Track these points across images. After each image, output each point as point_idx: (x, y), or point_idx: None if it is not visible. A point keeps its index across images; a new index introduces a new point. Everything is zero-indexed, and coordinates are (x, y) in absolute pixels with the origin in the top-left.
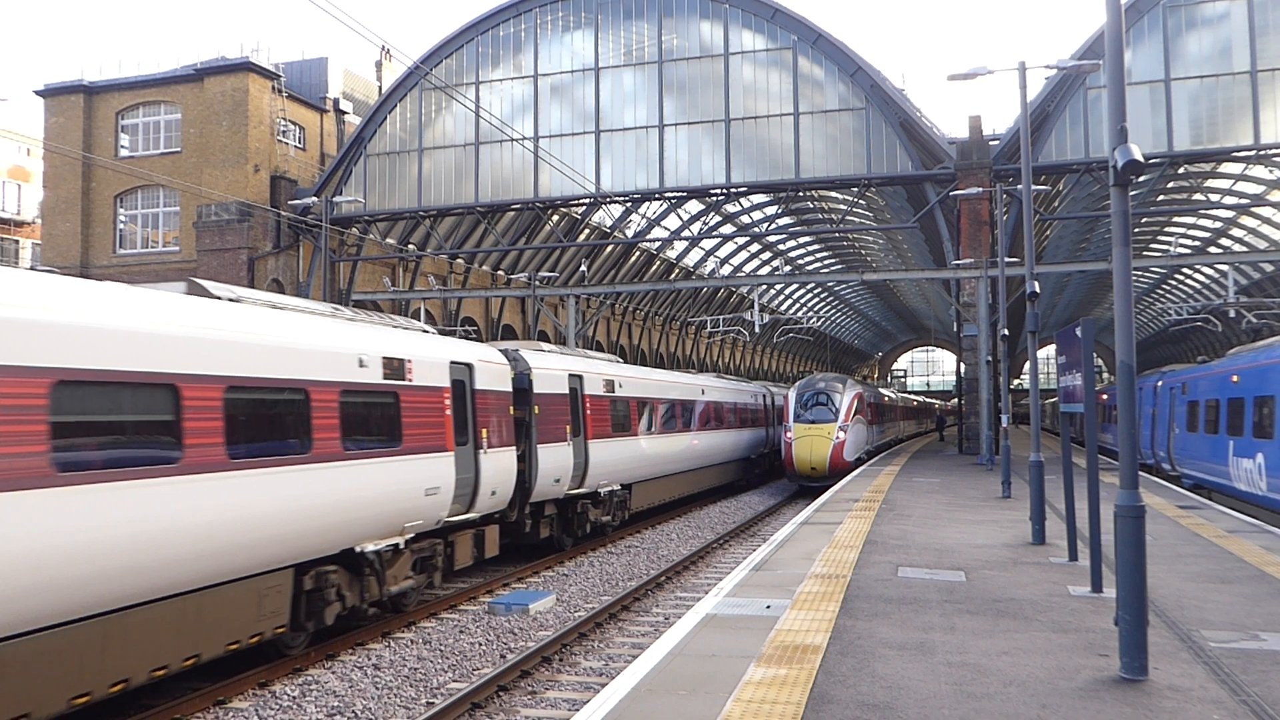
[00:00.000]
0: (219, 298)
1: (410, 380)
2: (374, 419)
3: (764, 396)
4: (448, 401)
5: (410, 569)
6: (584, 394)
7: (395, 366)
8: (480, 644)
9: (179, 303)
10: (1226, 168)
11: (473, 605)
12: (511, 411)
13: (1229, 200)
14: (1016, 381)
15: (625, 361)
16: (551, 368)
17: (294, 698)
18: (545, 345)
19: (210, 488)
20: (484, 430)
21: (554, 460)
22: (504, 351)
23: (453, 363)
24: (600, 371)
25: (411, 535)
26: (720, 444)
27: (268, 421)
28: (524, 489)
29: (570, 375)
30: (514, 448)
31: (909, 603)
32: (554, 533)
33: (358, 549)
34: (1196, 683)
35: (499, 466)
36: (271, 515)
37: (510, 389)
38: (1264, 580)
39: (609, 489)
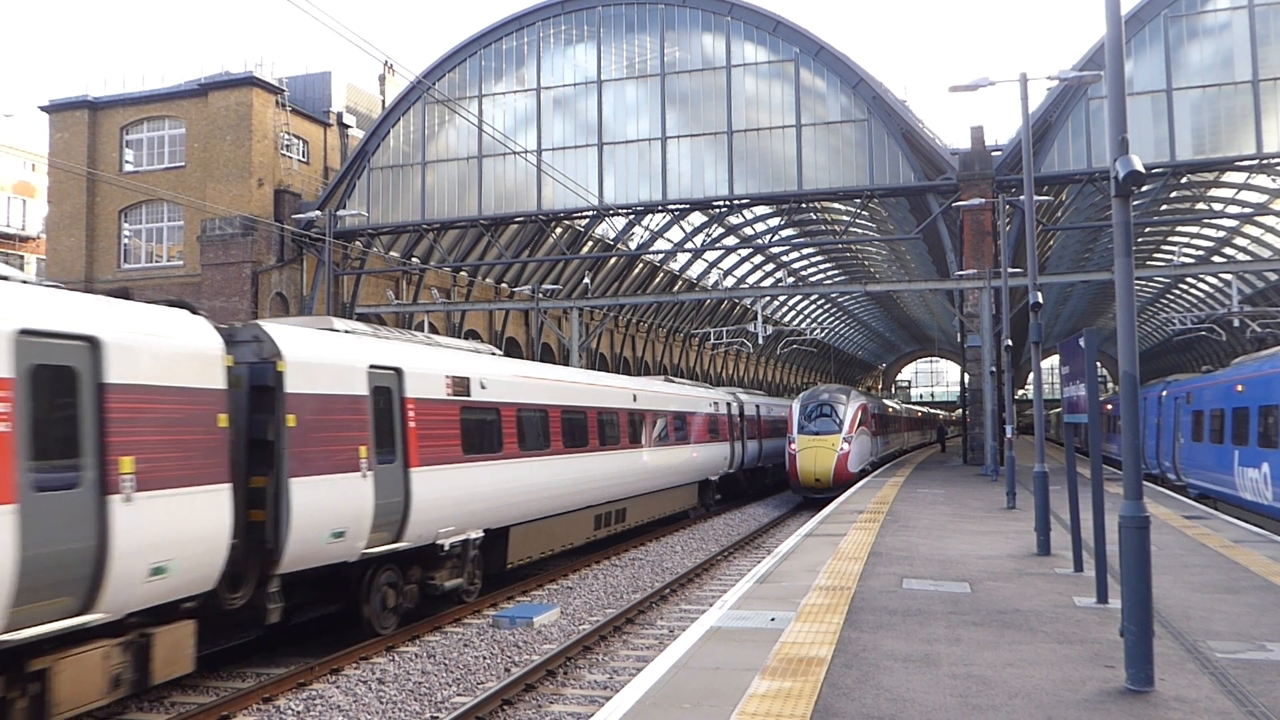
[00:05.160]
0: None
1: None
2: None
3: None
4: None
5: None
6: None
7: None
8: (484, 658)
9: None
10: (1229, 177)
11: (477, 619)
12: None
13: (1232, 210)
14: (1020, 392)
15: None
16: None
17: (298, 713)
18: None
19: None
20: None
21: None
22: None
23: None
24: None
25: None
26: None
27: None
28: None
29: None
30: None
31: (914, 614)
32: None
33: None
34: (1203, 694)
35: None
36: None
37: None
38: (1270, 590)
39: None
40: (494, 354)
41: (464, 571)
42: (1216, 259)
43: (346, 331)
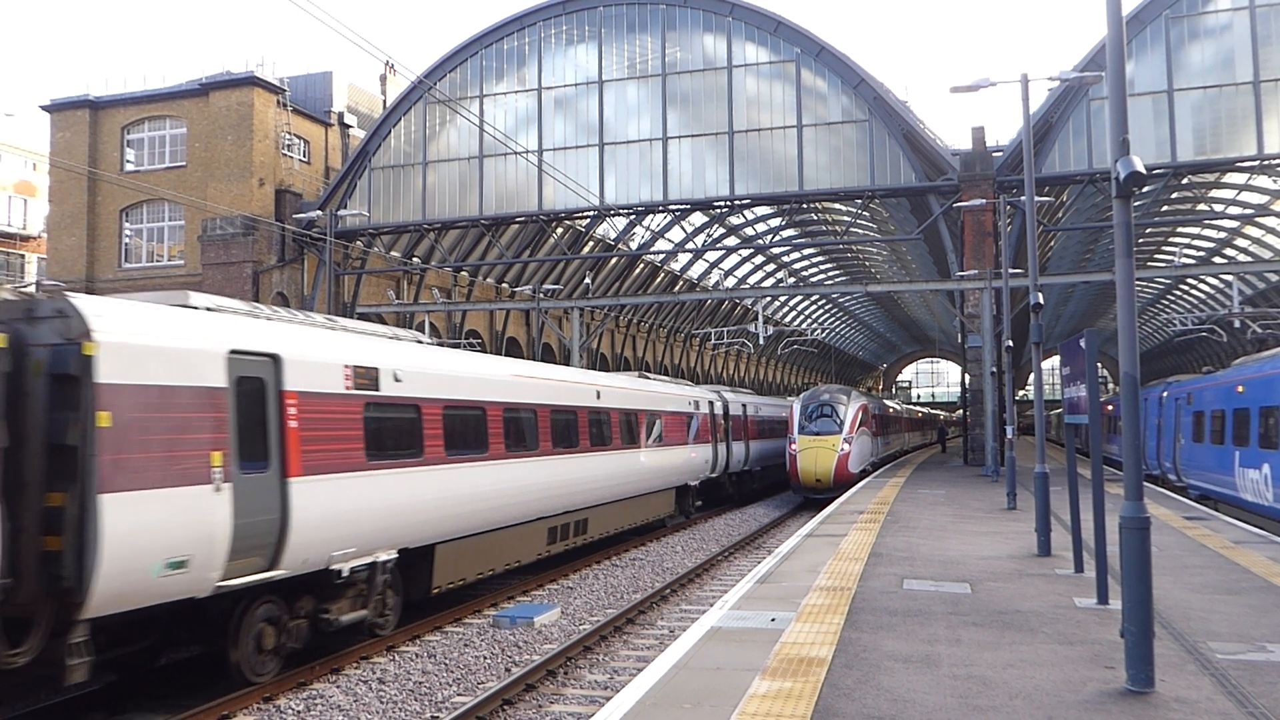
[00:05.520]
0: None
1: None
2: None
3: None
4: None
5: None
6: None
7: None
8: (485, 657)
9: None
10: (1230, 178)
11: (477, 619)
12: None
13: (1233, 210)
14: (1021, 393)
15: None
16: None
17: (299, 712)
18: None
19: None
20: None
21: None
22: None
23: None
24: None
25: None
26: None
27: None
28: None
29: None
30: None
31: (914, 615)
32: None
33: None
34: (1203, 694)
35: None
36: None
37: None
38: (1271, 591)
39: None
40: (419, 341)
41: (370, 601)
42: (1217, 260)
43: (208, 309)
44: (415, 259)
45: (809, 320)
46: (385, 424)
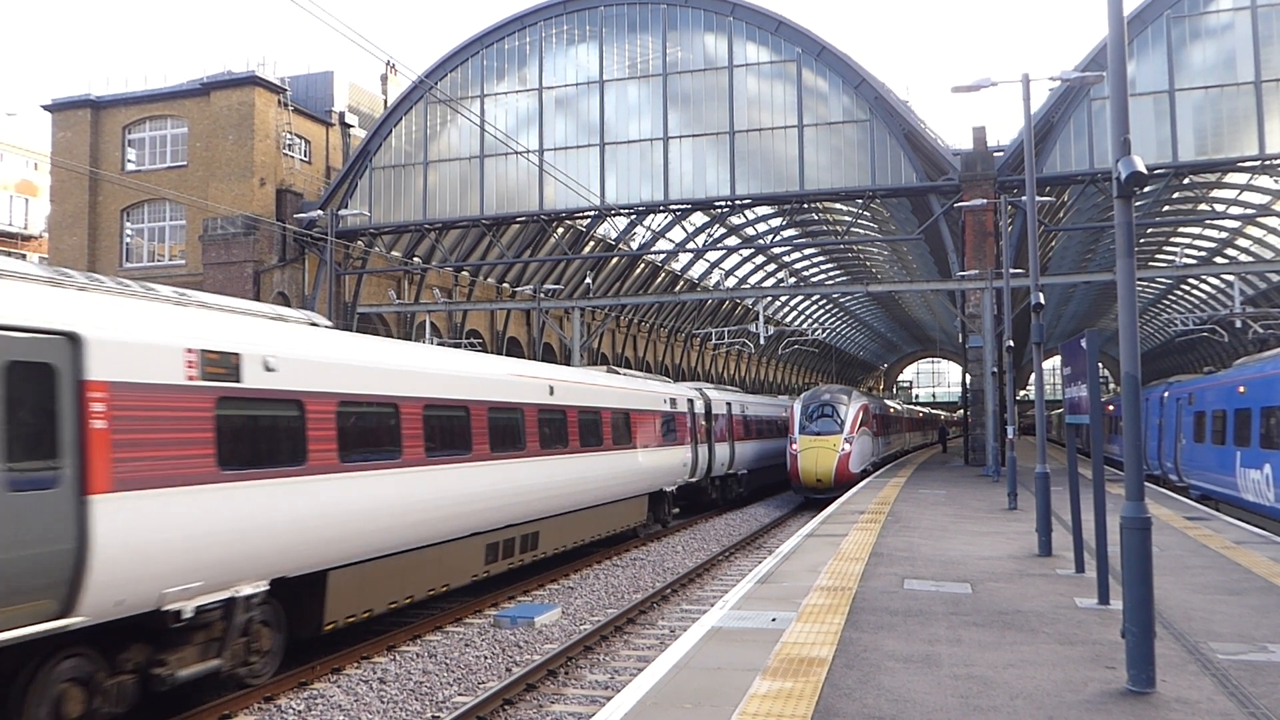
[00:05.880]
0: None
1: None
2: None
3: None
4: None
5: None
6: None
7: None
8: (486, 657)
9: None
10: (1232, 178)
11: (478, 618)
12: None
13: (1234, 210)
14: (1022, 393)
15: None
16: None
17: (299, 712)
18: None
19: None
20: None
21: None
22: None
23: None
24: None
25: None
26: None
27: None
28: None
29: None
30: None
31: (915, 615)
32: None
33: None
34: (1204, 695)
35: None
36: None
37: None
38: (1272, 591)
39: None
40: (314, 324)
41: (227, 646)
42: (1219, 260)
43: None
44: (416, 259)
45: (809, 320)
46: (250, 424)
